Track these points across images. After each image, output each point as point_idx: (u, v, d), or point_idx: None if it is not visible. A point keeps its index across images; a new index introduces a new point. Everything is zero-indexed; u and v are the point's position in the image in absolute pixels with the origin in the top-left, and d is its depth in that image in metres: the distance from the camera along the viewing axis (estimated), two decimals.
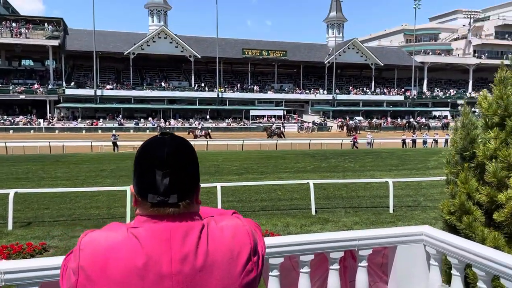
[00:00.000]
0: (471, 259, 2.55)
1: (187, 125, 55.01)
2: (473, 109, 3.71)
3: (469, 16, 77.99)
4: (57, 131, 48.73)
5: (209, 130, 45.08)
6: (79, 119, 53.08)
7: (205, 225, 1.21)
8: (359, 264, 2.91)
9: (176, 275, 1.13)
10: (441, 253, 2.87)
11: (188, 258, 1.14)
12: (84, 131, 49.39)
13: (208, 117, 58.20)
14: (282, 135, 42.40)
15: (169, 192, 1.16)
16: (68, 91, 53.68)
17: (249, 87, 63.74)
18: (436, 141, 37.39)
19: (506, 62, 3.37)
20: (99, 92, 54.83)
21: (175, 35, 59.42)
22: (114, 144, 30.36)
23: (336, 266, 2.82)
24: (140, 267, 1.11)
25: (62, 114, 54.61)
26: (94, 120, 52.95)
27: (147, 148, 1.21)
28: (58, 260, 2.35)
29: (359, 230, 3.10)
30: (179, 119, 56.73)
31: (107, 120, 53.89)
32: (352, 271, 3.10)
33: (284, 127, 56.11)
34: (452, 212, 3.43)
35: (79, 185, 13.96)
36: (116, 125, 51.39)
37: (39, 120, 51.45)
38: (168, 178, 1.16)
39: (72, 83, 55.49)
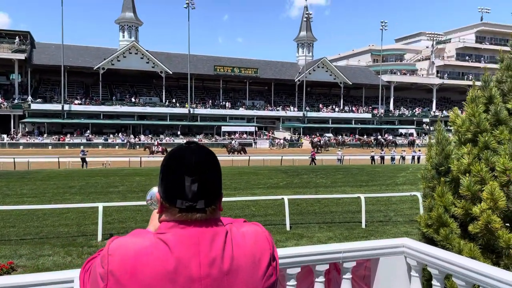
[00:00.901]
0: (451, 269, 2.65)
1: (157, 141, 54.41)
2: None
3: (432, 38, 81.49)
4: (21, 146, 47.16)
5: (166, 147, 43.77)
6: (45, 135, 51.55)
7: (228, 231, 1.25)
8: (343, 277, 2.96)
9: (205, 278, 1.16)
10: (422, 264, 2.97)
11: (216, 262, 1.18)
12: (50, 147, 47.97)
13: (179, 133, 57.78)
14: (243, 151, 41.76)
15: (197, 198, 1.20)
16: (34, 106, 52.22)
17: (221, 103, 63.89)
18: (403, 158, 38.45)
19: (478, 83, 3.57)
20: (66, 107, 53.59)
21: (146, 50, 59.13)
22: (83, 160, 29.62)
23: (321, 278, 2.87)
24: (170, 271, 1.14)
25: (27, 129, 52.93)
26: (61, 136, 51.55)
27: (175, 155, 1.25)
28: (41, 277, 2.29)
29: (343, 243, 3.16)
30: (149, 135, 56.02)
31: (74, 135, 52.62)
32: (335, 284, 3.16)
33: (255, 143, 56.45)
34: (429, 225, 3.56)
35: (47, 202, 13.51)
36: (84, 140, 50.27)
37: (2, 135, 49.62)
38: (196, 184, 1.20)
39: (39, 98, 54.07)
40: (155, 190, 1.70)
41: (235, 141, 48.34)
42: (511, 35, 3.75)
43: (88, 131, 53.39)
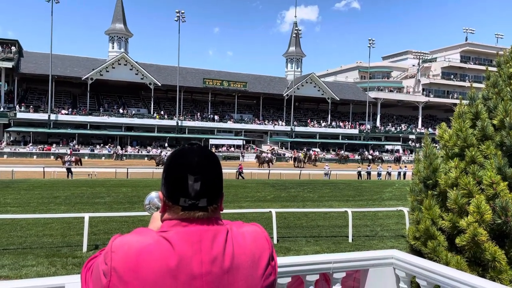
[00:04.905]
0: (439, 280, 2.69)
1: (144, 152, 54.01)
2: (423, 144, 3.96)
3: (418, 57, 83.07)
4: (5, 155, 46.36)
5: (80, 157, 41.51)
6: (30, 144, 50.83)
7: (229, 230, 1.28)
8: (333, 287, 2.99)
9: (206, 275, 1.19)
10: (410, 276, 3.01)
11: (217, 260, 1.21)
12: (35, 157, 47.26)
13: (166, 144, 57.51)
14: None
15: (200, 196, 1.23)
16: (20, 115, 51.56)
17: (209, 116, 63.91)
18: (389, 174, 38.76)
19: (465, 101, 3.67)
20: (53, 116, 53.03)
21: (136, 62, 59.07)
22: (68, 170, 29.24)
23: None
24: (173, 268, 1.17)
25: (11, 138, 52.15)
26: (47, 145, 50.85)
27: (179, 155, 1.29)
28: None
29: (333, 253, 3.19)
30: (136, 147, 55.64)
31: (60, 145, 51.95)
32: None
33: (243, 156, 56.49)
34: (417, 237, 3.61)
35: (31, 212, 13.27)
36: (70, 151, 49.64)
37: None
38: (199, 183, 1.23)
39: (25, 107, 53.43)
40: (153, 195, 1.72)
41: (165, 154, 47.51)
42: (497, 54, 3.87)
43: (75, 141, 52.83)
